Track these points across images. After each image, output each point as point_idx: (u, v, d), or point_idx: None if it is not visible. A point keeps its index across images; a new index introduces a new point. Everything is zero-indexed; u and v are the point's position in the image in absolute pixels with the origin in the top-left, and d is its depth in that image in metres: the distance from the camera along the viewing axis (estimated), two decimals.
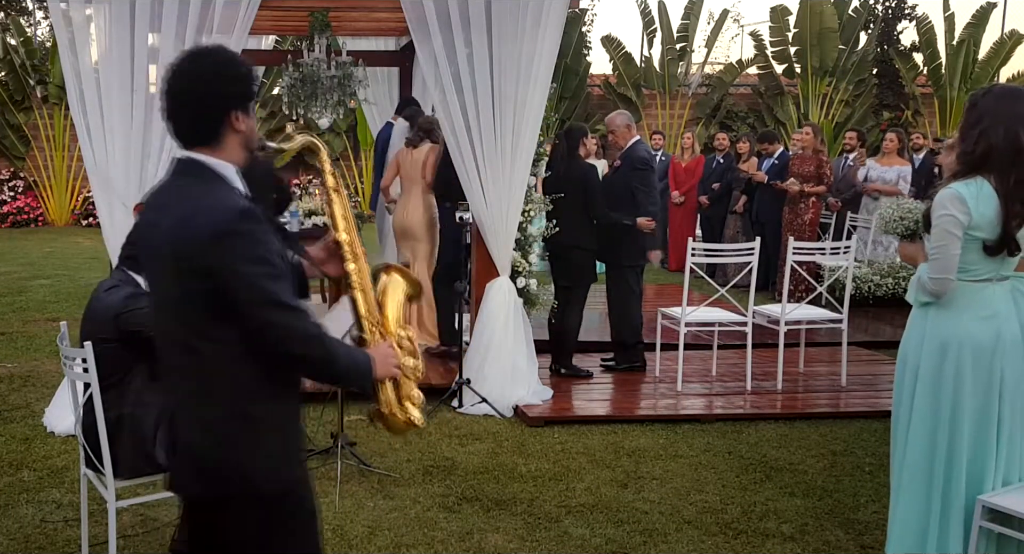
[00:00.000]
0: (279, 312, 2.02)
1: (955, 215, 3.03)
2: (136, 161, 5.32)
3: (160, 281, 2.15)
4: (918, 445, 3.24)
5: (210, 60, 2.12)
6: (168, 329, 2.15)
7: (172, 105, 2.11)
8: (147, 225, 2.19)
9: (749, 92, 17.74)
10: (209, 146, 2.11)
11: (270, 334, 2.03)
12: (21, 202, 15.76)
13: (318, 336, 2.07)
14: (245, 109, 2.13)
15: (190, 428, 2.11)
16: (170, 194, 2.14)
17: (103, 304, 3.37)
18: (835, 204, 9.46)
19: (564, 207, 6.04)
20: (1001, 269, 3.14)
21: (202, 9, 5.31)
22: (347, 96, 7.41)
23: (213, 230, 1.98)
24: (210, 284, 2.00)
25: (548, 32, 5.62)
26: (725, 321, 6.09)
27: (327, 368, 2.12)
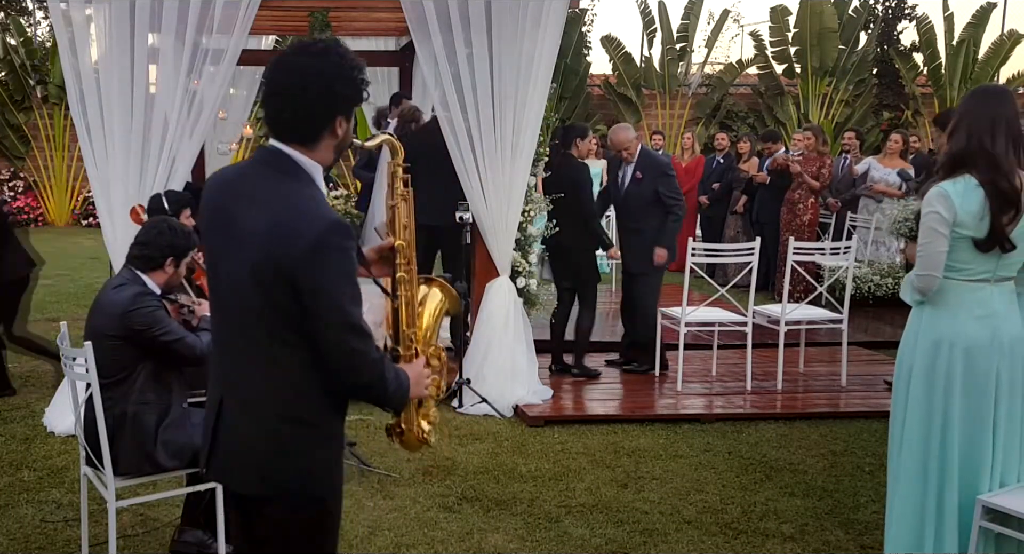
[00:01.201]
0: (356, 338, 2.00)
1: (939, 212, 3.05)
2: (136, 161, 5.32)
3: (232, 275, 2.06)
4: (913, 445, 3.25)
5: (334, 60, 2.04)
6: (233, 324, 2.10)
7: (280, 97, 2.03)
8: (224, 212, 2.08)
9: (749, 92, 17.74)
10: (305, 144, 2.05)
11: (343, 358, 2.01)
12: (21, 202, 15.75)
13: (381, 362, 2.07)
14: (349, 115, 2.10)
15: (249, 428, 2.10)
16: (255, 185, 2.05)
17: (110, 301, 3.41)
18: (834, 204, 9.46)
19: (561, 207, 6.05)
20: (999, 269, 3.13)
21: (202, 9, 5.31)
22: None
23: (311, 242, 1.92)
24: (293, 293, 1.96)
25: (548, 32, 5.62)
26: (725, 321, 6.09)
27: (379, 394, 2.11)
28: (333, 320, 1.97)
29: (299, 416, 2.07)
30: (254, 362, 2.06)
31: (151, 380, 3.40)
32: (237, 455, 2.12)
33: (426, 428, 2.37)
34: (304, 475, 2.10)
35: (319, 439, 2.11)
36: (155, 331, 3.35)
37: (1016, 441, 3.20)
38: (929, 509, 3.21)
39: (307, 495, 2.13)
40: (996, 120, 3.05)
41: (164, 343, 3.36)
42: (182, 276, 3.65)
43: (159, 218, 3.81)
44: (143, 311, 3.35)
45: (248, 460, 2.11)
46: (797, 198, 8.71)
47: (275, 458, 2.08)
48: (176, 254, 3.52)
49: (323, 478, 2.14)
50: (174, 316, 3.58)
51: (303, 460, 2.09)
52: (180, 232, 3.57)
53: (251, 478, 2.12)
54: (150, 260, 3.50)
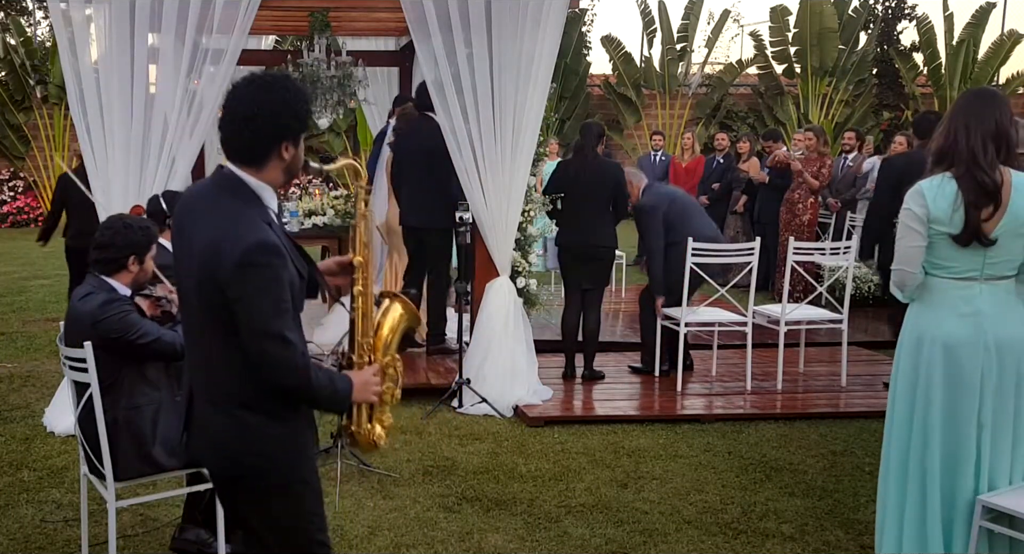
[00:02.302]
0: (274, 345, 2.17)
1: (912, 209, 3.14)
2: (136, 161, 5.32)
3: (186, 283, 2.31)
4: (898, 442, 3.28)
5: (280, 95, 2.24)
6: (191, 325, 2.36)
7: (231, 125, 2.26)
8: (183, 227, 2.32)
9: (749, 92, 17.75)
10: (253, 167, 2.27)
11: (264, 362, 2.19)
12: (21, 202, 15.77)
13: (305, 368, 2.22)
14: (296, 141, 2.30)
15: (212, 414, 2.31)
16: (206, 205, 2.28)
17: (80, 313, 3.35)
18: (835, 204, 9.46)
19: (589, 207, 5.97)
20: (987, 268, 3.14)
21: (202, 9, 5.31)
22: (347, 96, 7.41)
23: (235, 259, 2.13)
24: (223, 300, 2.17)
25: (548, 32, 5.62)
26: (725, 321, 6.09)
27: (307, 398, 2.30)
28: (254, 327, 2.16)
29: (253, 403, 2.26)
30: (209, 358, 2.29)
31: (139, 382, 3.36)
32: (207, 440, 2.35)
33: (379, 432, 2.51)
34: (265, 455, 2.29)
35: (274, 422, 2.28)
36: (130, 336, 3.30)
37: (1007, 442, 3.20)
38: (909, 509, 3.23)
39: (271, 472, 2.31)
40: (972, 118, 3.10)
41: (141, 346, 3.32)
42: (149, 272, 3.54)
43: (114, 217, 3.65)
44: (113, 318, 3.29)
45: (216, 444, 2.32)
46: (797, 198, 8.71)
47: (237, 440, 2.29)
48: (137, 252, 3.44)
49: (284, 456, 2.32)
50: (151, 311, 3.53)
51: (262, 442, 2.28)
52: (137, 228, 3.48)
53: (220, 460, 2.34)
54: (112, 262, 3.43)
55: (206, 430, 2.34)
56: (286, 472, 2.33)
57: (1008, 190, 3.06)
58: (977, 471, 3.17)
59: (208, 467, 2.44)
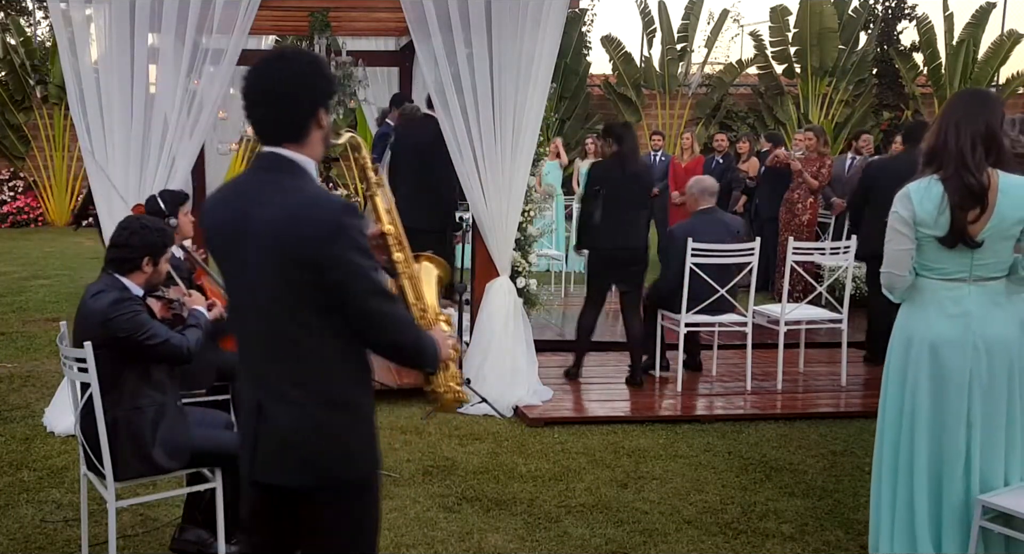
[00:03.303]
0: (387, 302, 2.16)
1: (899, 212, 3.16)
2: (136, 161, 5.32)
3: (256, 276, 2.16)
4: (889, 442, 3.30)
5: (300, 60, 2.19)
6: (259, 319, 2.20)
7: (260, 104, 2.17)
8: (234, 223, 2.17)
9: (749, 92, 17.75)
10: (296, 142, 2.18)
11: (377, 321, 2.15)
12: (21, 202, 15.76)
13: (413, 323, 2.23)
14: (328, 107, 2.23)
15: (290, 419, 2.18)
16: (260, 187, 2.17)
17: (90, 310, 3.36)
18: (840, 204, 9.44)
19: (628, 209, 5.91)
20: (976, 269, 3.15)
21: (202, 9, 5.31)
22: (347, 96, 7.41)
23: (330, 224, 2.06)
24: (317, 276, 2.08)
25: (548, 32, 5.62)
26: (725, 321, 6.09)
27: (416, 353, 2.26)
28: (364, 288, 2.10)
29: (335, 400, 2.18)
30: (285, 356, 2.17)
31: (143, 383, 3.36)
32: (281, 451, 2.20)
33: (456, 388, 2.50)
34: (348, 459, 2.22)
35: (357, 420, 2.23)
36: (138, 336, 3.30)
37: (999, 442, 3.20)
38: (899, 507, 3.24)
39: (353, 477, 2.24)
40: (963, 119, 3.11)
41: (149, 347, 3.31)
42: (163, 274, 3.55)
43: (131, 217, 3.69)
44: (123, 317, 3.29)
45: (292, 453, 2.19)
46: (796, 198, 8.70)
47: (319, 446, 2.18)
48: (153, 253, 3.45)
49: (365, 457, 2.26)
50: (163, 313, 3.54)
51: (345, 444, 2.21)
52: (155, 230, 3.49)
53: (298, 470, 2.20)
54: (127, 262, 3.44)
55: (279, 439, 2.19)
56: (367, 471, 2.27)
57: (995, 193, 3.07)
58: (967, 471, 3.17)
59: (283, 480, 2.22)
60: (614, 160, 6.02)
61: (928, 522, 3.19)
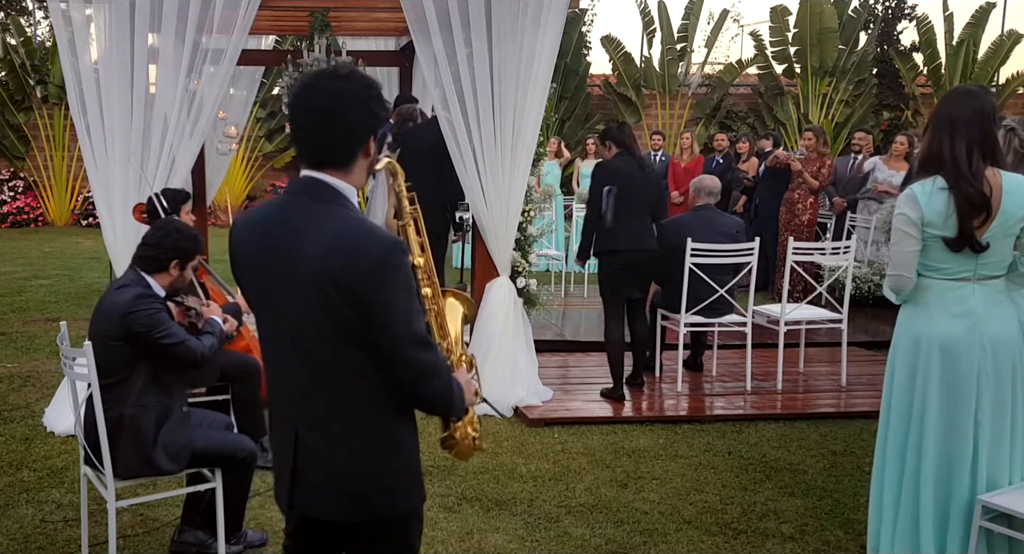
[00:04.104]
0: (425, 350, 2.04)
1: (907, 213, 3.12)
2: (136, 161, 5.31)
3: (293, 308, 2.04)
4: (894, 443, 3.28)
5: (359, 82, 2.05)
6: (296, 352, 2.09)
7: (313, 123, 2.03)
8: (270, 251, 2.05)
9: (749, 92, 17.74)
10: (341, 169, 2.05)
11: (413, 371, 2.04)
12: (21, 202, 15.76)
13: (448, 372, 2.11)
14: (378, 134, 2.10)
15: (333, 455, 2.09)
16: (301, 215, 2.04)
17: (112, 303, 3.39)
18: (840, 203, 9.44)
19: (638, 211, 5.70)
20: (980, 268, 3.15)
21: (202, 9, 5.31)
22: None
23: (377, 259, 1.94)
24: (359, 314, 1.96)
25: (548, 32, 5.62)
26: (725, 321, 6.09)
27: (449, 402, 2.15)
28: (403, 333, 1.99)
29: (379, 435, 2.09)
30: (326, 390, 2.07)
31: (151, 382, 3.38)
32: (324, 484, 2.12)
33: (473, 434, 2.40)
34: (393, 494, 2.14)
35: (402, 455, 2.14)
36: (155, 334, 3.33)
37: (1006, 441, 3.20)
38: (903, 509, 3.23)
39: (398, 513, 2.16)
40: (956, 124, 3.07)
41: (164, 346, 3.34)
42: (188, 279, 3.63)
43: (167, 219, 3.81)
44: (143, 313, 3.33)
45: (336, 488, 2.11)
46: (796, 198, 8.71)
47: (364, 482, 2.11)
48: (182, 257, 3.51)
49: (410, 492, 2.18)
50: (179, 319, 3.57)
51: (390, 479, 2.13)
52: (187, 235, 3.57)
53: (342, 505, 2.12)
54: (155, 261, 3.49)
55: (323, 473, 2.10)
56: (405, 506, 2.17)
57: (999, 193, 3.05)
58: (974, 471, 3.17)
59: (326, 516, 2.15)
60: (626, 158, 5.75)
61: (933, 522, 3.18)
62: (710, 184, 6.23)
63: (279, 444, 2.18)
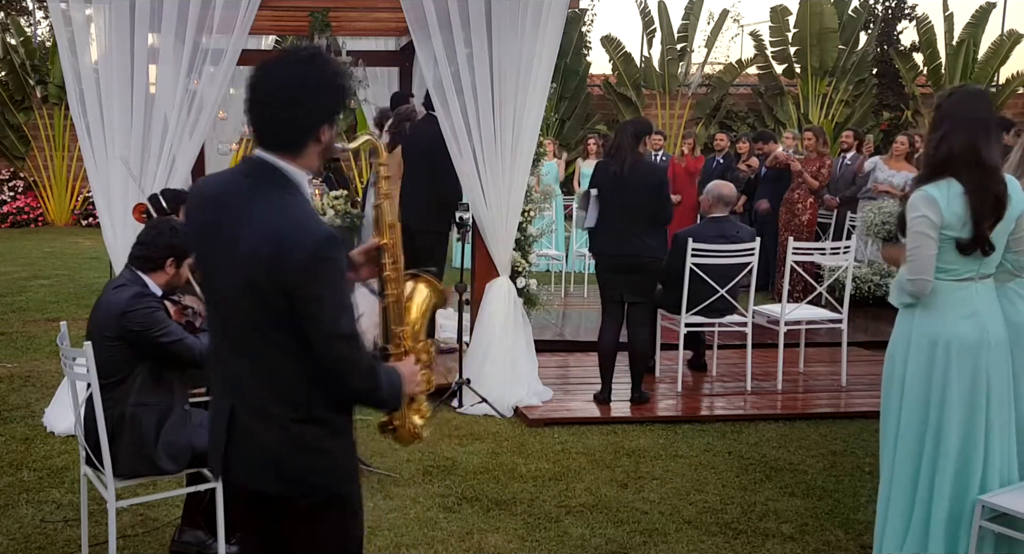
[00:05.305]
0: (347, 347, 2.04)
1: (928, 216, 3.07)
2: (136, 161, 5.32)
3: (229, 287, 2.08)
4: (907, 444, 3.26)
5: (319, 68, 2.05)
6: (233, 334, 2.13)
7: (264, 106, 2.05)
8: (215, 226, 2.09)
9: (749, 92, 17.75)
10: (291, 153, 2.07)
11: (338, 366, 2.05)
12: (21, 202, 15.76)
13: (374, 368, 2.11)
14: (333, 122, 2.10)
15: (264, 430, 2.12)
16: (245, 196, 2.06)
17: (109, 302, 3.39)
18: (832, 201, 9.46)
19: (625, 213, 5.52)
20: (982, 268, 3.15)
21: (202, 9, 5.31)
22: None
23: (306, 254, 1.95)
24: (288, 303, 1.99)
25: (548, 32, 5.62)
26: (725, 321, 6.09)
27: (374, 399, 2.17)
28: (328, 329, 2.01)
29: (309, 417, 2.10)
30: (258, 369, 2.10)
31: (150, 381, 3.38)
32: (256, 457, 2.15)
33: (418, 423, 2.39)
34: (323, 472, 2.15)
35: (332, 435, 2.15)
36: (153, 332, 3.33)
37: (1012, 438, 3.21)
38: (918, 509, 3.22)
39: (328, 491, 2.18)
40: (988, 124, 3.08)
41: (162, 344, 3.34)
42: (184, 277, 3.62)
43: (161, 218, 3.80)
44: (141, 312, 3.33)
45: (268, 461, 2.14)
46: (796, 198, 8.71)
47: (294, 458, 2.12)
48: (177, 255, 3.50)
49: (341, 472, 2.20)
50: (176, 317, 3.57)
51: (321, 458, 2.14)
52: (182, 233, 3.54)
53: (272, 478, 2.15)
54: (150, 260, 3.49)
55: (255, 446, 2.13)
56: (339, 489, 2.19)
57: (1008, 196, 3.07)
58: (985, 469, 3.17)
59: (255, 486, 2.19)
60: (612, 160, 5.70)
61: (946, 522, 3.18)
62: (728, 193, 6.00)
63: (216, 415, 2.22)
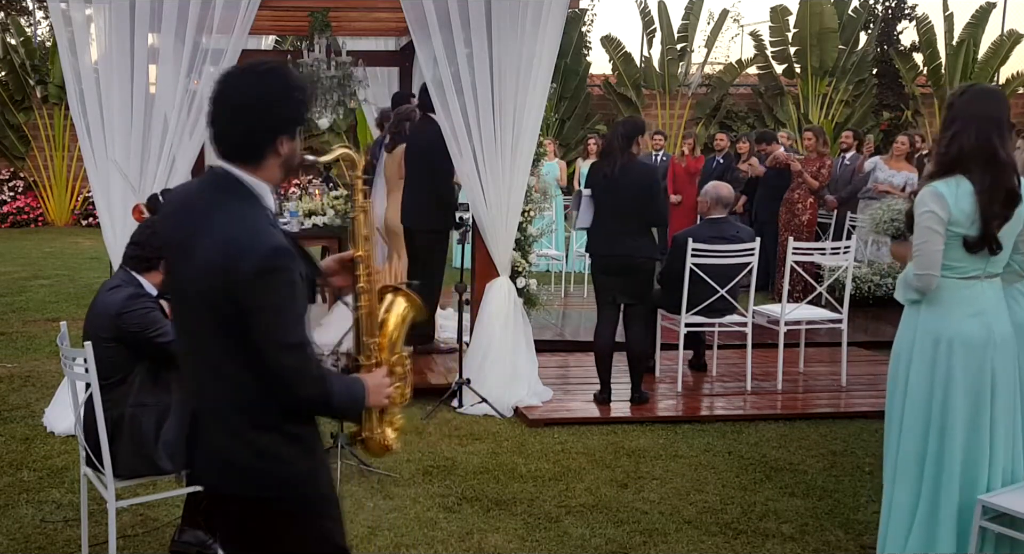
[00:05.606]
0: (291, 356, 2.05)
1: (935, 212, 3.07)
2: (136, 161, 5.32)
3: (187, 295, 2.12)
4: (910, 443, 3.26)
5: (276, 81, 2.08)
6: (192, 342, 2.16)
7: (222, 117, 2.08)
8: (178, 232, 2.14)
9: (749, 92, 17.74)
10: (250, 164, 2.09)
11: (283, 375, 2.06)
12: (21, 202, 15.76)
13: (324, 378, 2.11)
14: (293, 134, 2.12)
15: (223, 435, 2.14)
16: (206, 206, 2.10)
17: (104, 303, 3.39)
18: (832, 202, 9.46)
19: (618, 214, 5.50)
20: (988, 266, 3.15)
21: (202, 9, 5.31)
22: (347, 96, 7.41)
23: (252, 266, 1.98)
24: (237, 310, 2.01)
25: (548, 32, 5.62)
26: (725, 321, 6.09)
27: (324, 409, 2.19)
28: (273, 339, 2.03)
29: (266, 424, 2.11)
30: (215, 376, 2.12)
31: (149, 382, 3.38)
32: (217, 460, 2.16)
33: (390, 435, 2.38)
34: (281, 478, 2.14)
35: (290, 443, 2.15)
36: (149, 333, 3.32)
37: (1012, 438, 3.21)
38: (922, 508, 3.22)
39: (284, 499, 2.16)
40: (1000, 122, 3.07)
41: (160, 345, 3.33)
42: None
43: (154, 218, 3.79)
44: (137, 313, 3.32)
45: (227, 465, 2.15)
46: (796, 198, 8.72)
47: (252, 463, 2.13)
48: None
49: (299, 479, 2.17)
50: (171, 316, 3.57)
51: (278, 465, 2.14)
52: None
53: (232, 481, 2.16)
54: (144, 260, 3.47)
55: (213, 451, 2.16)
56: (299, 498, 2.17)
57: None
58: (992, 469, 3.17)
59: (219, 487, 2.21)
60: (603, 161, 5.71)
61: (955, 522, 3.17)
62: (726, 194, 5.98)
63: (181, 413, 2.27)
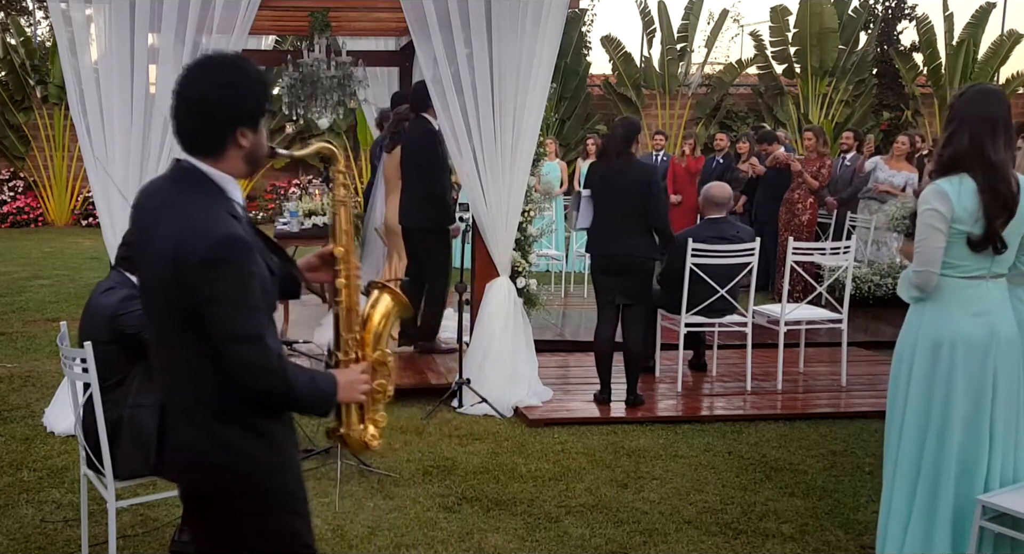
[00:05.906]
0: (245, 348, 2.03)
1: (937, 209, 3.08)
2: (136, 161, 5.32)
3: (150, 285, 2.14)
4: (909, 444, 3.26)
5: (231, 72, 2.09)
6: (158, 329, 2.17)
7: (181, 109, 2.10)
8: (142, 227, 2.18)
9: (749, 92, 17.74)
10: (211, 157, 2.11)
11: (237, 366, 2.04)
12: (21, 202, 15.75)
13: (282, 370, 2.07)
14: (254, 126, 2.13)
15: (187, 428, 2.14)
16: (167, 199, 2.12)
17: (99, 306, 3.38)
18: (832, 203, 9.46)
19: (615, 214, 5.49)
20: (994, 266, 3.15)
21: (202, 9, 5.31)
22: (347, 96, 7.42)
23: (204, 257, 1.97)
24: (193, 304, 2.01)
25: (548, 32, 5.62)
26: (725, 321, 6.09)
27: (286, 401, 2.14)
28: (225, 329, 2.01)
29: (229, 417, 2.10)
30: (178, 368, 2.12)
31: (147, 382, 3.37)
32: (181, 454, 2.17)
33: (372, 432, 2.36)
34: (240, 472, 2.13)
35: (254, 436, 2.13)
36: (145, 334, 3.32)
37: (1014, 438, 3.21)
38: (919, 508, 3.22)
39: (246, 491, 2.15)
40: (996, 123, 3.08)
41: None
42: None
43: None
44: (133, 314, 3.30)
45: (190, 458, 2.15)
46: (796, 198, 8.72)
47: (210, 455, 2.12)
48: None
49: (261, 473, 2.15)
50: None
51: (239, 457, 2.12)
52: None
53: (192, 476, 2.18)
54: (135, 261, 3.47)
55: (177, 443, 2.16)
56: (263, 492, 2.15)
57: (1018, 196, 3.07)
58: (989, 469, 3.17)
59: (182, 481, 2.23)
60: (600, 161, 5.72)
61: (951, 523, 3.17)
62: (718, 194, 5.95)
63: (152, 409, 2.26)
